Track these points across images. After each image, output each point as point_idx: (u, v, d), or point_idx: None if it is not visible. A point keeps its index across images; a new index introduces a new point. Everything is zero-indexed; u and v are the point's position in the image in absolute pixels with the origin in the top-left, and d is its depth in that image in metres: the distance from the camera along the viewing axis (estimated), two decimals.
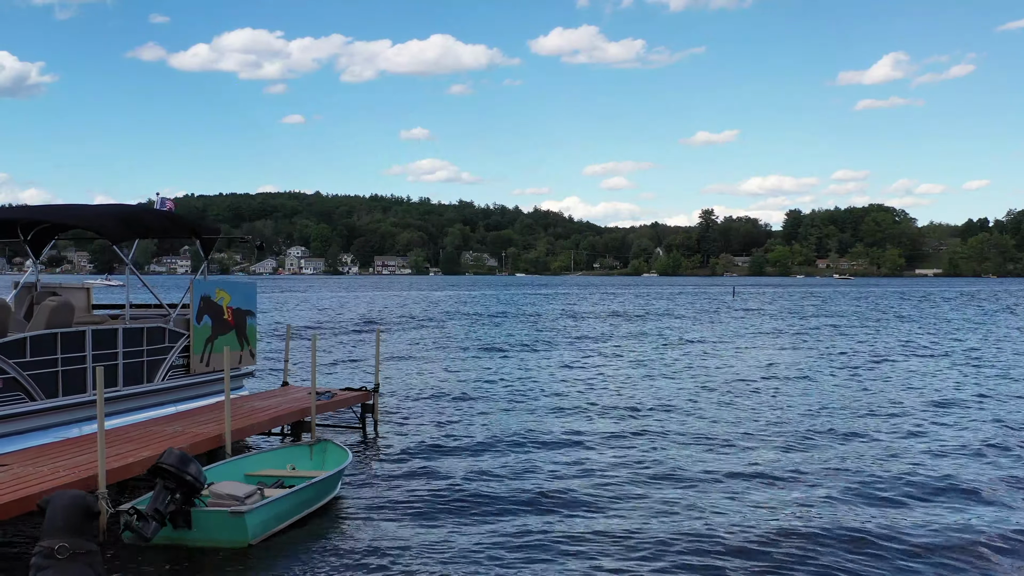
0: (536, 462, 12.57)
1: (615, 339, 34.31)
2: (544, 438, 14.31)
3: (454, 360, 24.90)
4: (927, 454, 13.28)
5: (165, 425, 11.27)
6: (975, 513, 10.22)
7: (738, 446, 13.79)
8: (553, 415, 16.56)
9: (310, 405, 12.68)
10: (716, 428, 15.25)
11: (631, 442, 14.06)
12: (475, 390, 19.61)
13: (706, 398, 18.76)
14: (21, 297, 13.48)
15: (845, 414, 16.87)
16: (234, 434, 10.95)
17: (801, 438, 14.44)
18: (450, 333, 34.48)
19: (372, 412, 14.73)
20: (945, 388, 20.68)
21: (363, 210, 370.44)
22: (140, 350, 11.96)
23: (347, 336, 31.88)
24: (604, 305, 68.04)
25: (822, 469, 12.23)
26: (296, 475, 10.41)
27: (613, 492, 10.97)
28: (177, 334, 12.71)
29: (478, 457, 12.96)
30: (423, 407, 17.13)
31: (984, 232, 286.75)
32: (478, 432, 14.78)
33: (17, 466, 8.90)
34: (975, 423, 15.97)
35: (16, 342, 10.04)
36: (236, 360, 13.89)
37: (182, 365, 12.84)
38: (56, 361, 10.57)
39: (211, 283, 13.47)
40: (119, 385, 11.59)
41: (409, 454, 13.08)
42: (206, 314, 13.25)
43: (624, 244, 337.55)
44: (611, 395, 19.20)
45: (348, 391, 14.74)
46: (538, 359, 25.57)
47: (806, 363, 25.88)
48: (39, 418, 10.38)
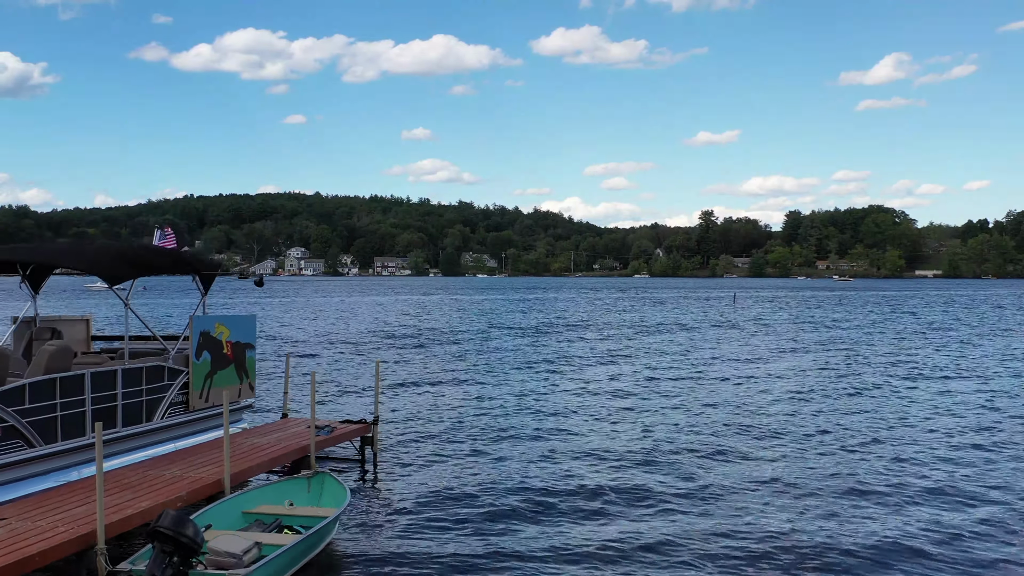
0: (537, 495, 12.55)
1: (615, 357, 34.29)
2: (547, 472, 14.26)
3: (454, 383, 24.85)
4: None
5: (164, 468, 11.25)
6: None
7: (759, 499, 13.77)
8: (558, 441, 16.48)
9: (309, 442, 12.67)
10: (735, 474, 15.15)
11: (645, 481, 13.75)
12: (475, 415, 19.59)
13: (720, 435, 18.62)
14: (20, 332, 13.48)
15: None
16: (233, 477, 10.93)
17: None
18: (448, 351, 34.43)
19: (372, 444, 14.72)
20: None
21: (363, 211, 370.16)
22: (139, 390, 11.95)
23: (345, 356, 31.78)
24: (595, 315, 68.01)
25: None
26: (295, 513, 10.41)
27: (626, 539, 10.94)
28: (176, 371, 12.69)
29: (479, 491, 12.94)
30: (423, 435, 17.10)
31: (984, 233, 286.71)
32: (479, 462, 14.77)
33: (15, 520, 8.88)
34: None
35: (15, 390, 10.02)
36: (235, 394, 13.89)
37: (181, 402, 12.82)
38: (55, 406, 10.55)
39: (210, 318, 13.45)
40: (118, 426, 11.57)
41: (408, 488, 13.08)
42: (205, 350, 13.23)
43: (624, 245, 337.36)
44: (617, 424, 18.77)
45: (347, 423, 14.73)
46: (539, 382, 25.49)
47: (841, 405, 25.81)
48: (38, 464, 10.37)
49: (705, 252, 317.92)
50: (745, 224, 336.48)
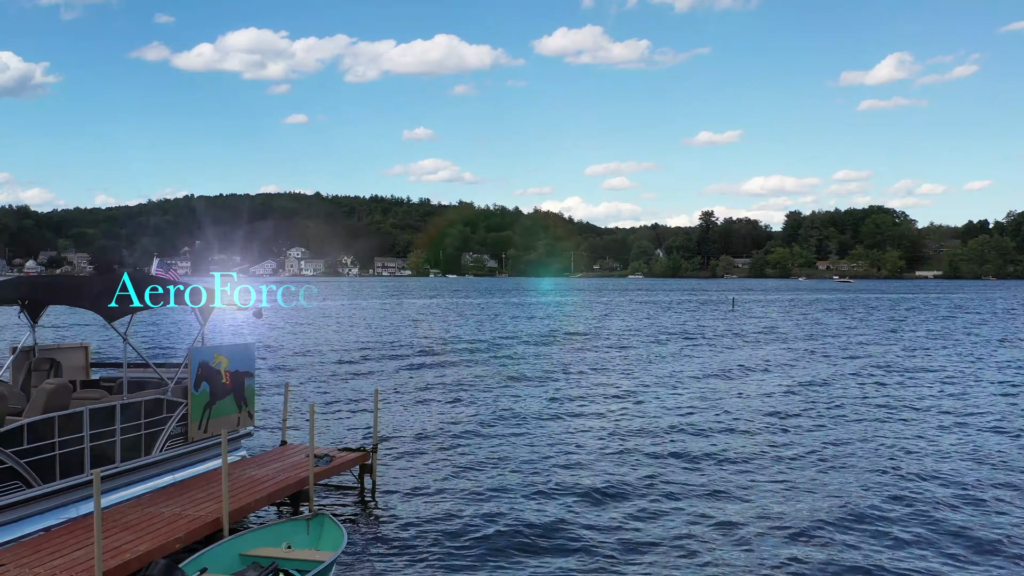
0: (538, 526, 12.55)
1: (618, 373, 34.27)
2: (549, 502, 14.24)
3: (454, 402, 24.67)
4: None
5: (162, 505, 11.24)
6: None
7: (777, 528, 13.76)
8: (561, 467, 16.42)
9: (308, 474, 12.67)
10: (760, 521, 15.10)
11: (650, 515, 13.58)
12: (475, 438, 19.54)
13: (737, 477, 18.48)
14: (19, 363, 13.48)
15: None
16: (232, 515, 10.93)
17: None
18: (449, 366, 34.37)
19: (371, 472, 14.71)
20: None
21: (363, 211, 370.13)
22: (138, 424, 11.95)
23: (344, 377, 31.65)
24: (593, 324, 68.02)
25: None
26: (292, 556, 10.40)
27: (629, 573, 10.95)
28: (175, 403, 12.68)
29: (480, 521, 12.95)
30: (422, 460, 17.07)
31: (984, 234, 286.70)
32: (479, 490, 14.73)
33: (13, 567, 8.87)
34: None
35: (13, 431, 10.02)
36: (234, 423, 13.89)
37: (180, 434, 12.82)
38: (54, 445, 10.55)
39: (209, 350, 13.44)
40: (117, 462, 11.57)
41: (407, 519, 13.06)
42: (204, 380, 13.22)
43: (624, 246, 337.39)
44: (622, 454, 18.03)
45: (346, 451, 14.73)
46: (540, 401, 25.13)
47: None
48: (37, 503, 10.37)
49: (705, 253, 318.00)
50: (745, 224, 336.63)
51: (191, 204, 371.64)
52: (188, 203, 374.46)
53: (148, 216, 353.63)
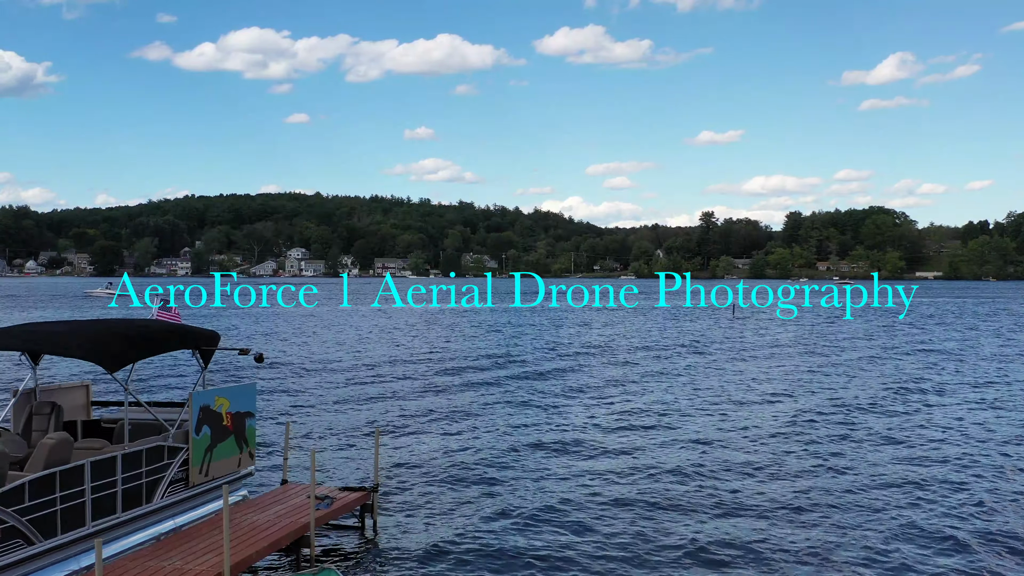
0: (543, 564, 12.52)
1: (622, 394, 34.11)
2: (555, 538, 14.20)
3: (454, 433, 24.23)
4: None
5: (163, 559, 11.21)
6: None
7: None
8: (570, 504, 16.22)
9: (309, 520, 12.66)
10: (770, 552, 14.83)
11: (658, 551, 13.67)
12: (478, 468, 19.31)
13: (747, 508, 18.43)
14: (20, 406, 13.45)
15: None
16: (233, 568, 10.91)
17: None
18: (450, 389, 34.17)
19: (372, 512, 14.70)
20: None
21: (363, 211, 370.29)
22: (139, 472, 11.92)
23: (345, 407, 31.52)
24: (592, 336, 67.93)
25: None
26: None
27: None
28: (176, 449, 12.66)
29: (484, 560, 12.94)
30: (424, 494, 16.98)
31: (984, 235, 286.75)
32: (483, 527, 14.69)
33: None
34: None
35: (14, 490, 9.98)
36: (235, 464, 13.87)
37: (181, 479, 12.79)
38: (55, 500, 10.52)
39: (210, 393, 13.42)
40: (118, 511, 11.54)
41: (410, 560, 13.06)
42: (205, 424, 13.20)
43: (624, 246, 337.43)
44: (631, 487, 17.68)
45: (347, 491, 14.70)
46: (542, 428, 24.37)
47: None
48: (38, 560, 10.34)
49: (705, 253, 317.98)
50: (745, 225, 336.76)
51: (191, 204, 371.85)
52: (188, 203, 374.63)
53: (148, 216, 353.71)
